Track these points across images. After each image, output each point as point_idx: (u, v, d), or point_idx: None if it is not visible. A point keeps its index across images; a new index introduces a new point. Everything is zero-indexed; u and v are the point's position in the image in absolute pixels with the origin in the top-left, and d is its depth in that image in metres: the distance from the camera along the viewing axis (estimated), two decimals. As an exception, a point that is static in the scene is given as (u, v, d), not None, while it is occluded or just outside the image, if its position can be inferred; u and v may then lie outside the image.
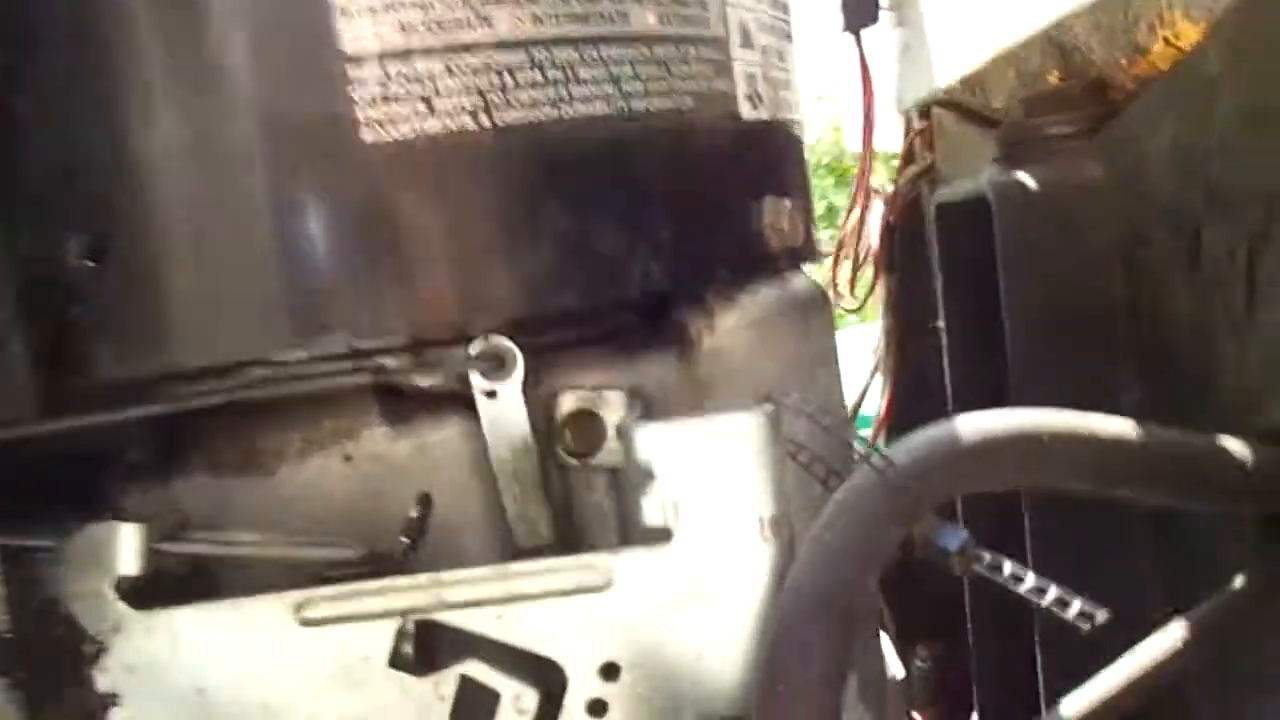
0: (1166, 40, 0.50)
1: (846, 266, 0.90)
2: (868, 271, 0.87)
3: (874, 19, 0.76)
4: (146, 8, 0.39)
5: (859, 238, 0.86)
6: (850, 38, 0.79)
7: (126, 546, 0.41)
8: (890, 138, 1.03)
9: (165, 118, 0.39)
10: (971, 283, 0.67)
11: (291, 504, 0.48)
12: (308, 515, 0.48)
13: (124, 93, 0.39)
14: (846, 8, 0.76)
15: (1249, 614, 0.44)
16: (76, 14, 0.38)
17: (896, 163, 0.99)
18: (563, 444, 0.49)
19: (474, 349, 0.45)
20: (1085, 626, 0.35)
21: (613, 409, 0.49)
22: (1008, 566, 0.37)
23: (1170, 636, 0.43)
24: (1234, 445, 0.44)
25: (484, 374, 0.45)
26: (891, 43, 0.78)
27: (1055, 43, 0.63)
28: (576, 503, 0.49)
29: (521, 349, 0.45)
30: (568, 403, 0.49)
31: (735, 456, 0.40)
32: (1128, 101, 0.57)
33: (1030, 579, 0.37)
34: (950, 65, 0.66)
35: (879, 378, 0.96)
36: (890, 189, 0.94)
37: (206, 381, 0.44)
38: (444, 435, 0.49)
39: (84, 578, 0.41)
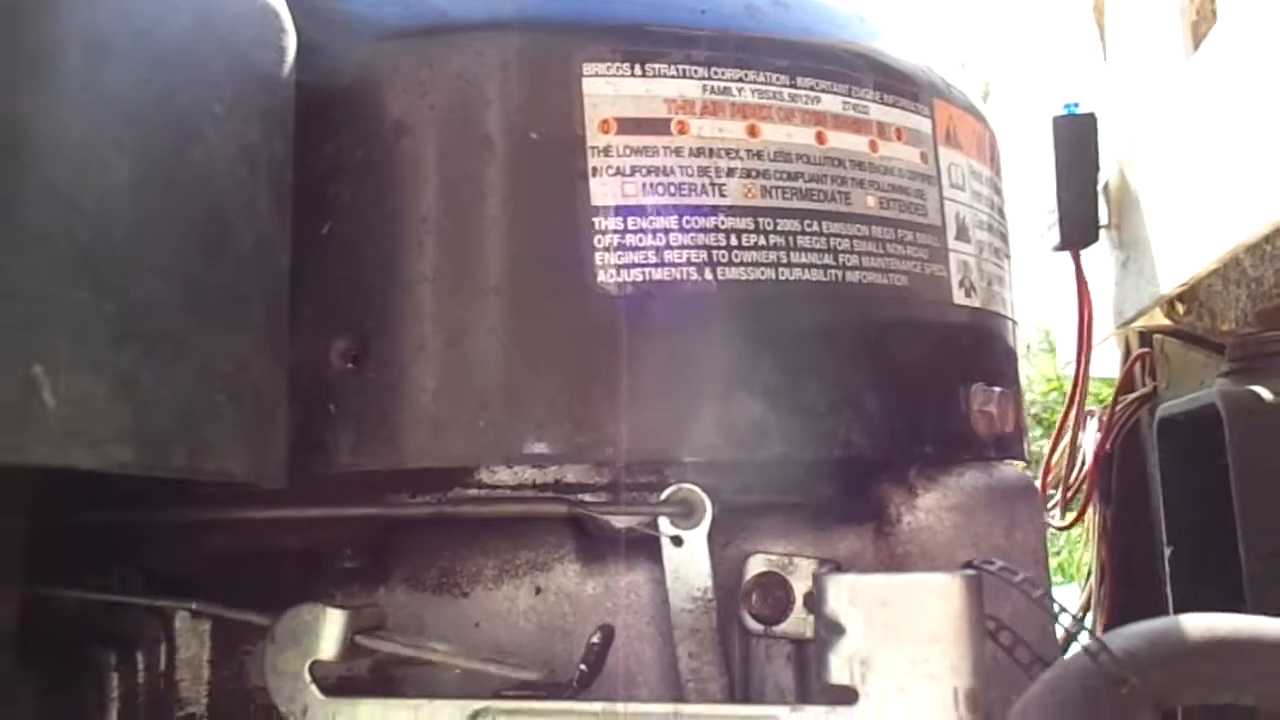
0: None
1: (1055, 489, 0.86)
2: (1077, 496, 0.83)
3: (1094, 237, 0.76)
4: (434, 160, 0.46)
5: (1072, 458, 0.83)
6: (1066, 257, 0.79)
7: (330, 631, 0.44)
8: (1107, 364, 1.00)
9: (431, 249, 0.44)
10: (1198, 503, 0.62)
11: (480, 628, 0.49)
12: (493, 640, 0.49)
13: (401, 226, 0.45)
14: (1065, 226, 0.77)
15: None
16: (372, 156, 0.45)
17: (1112, 390, 0.95)
18: (748, 607, 0.48)
19: (665, 494, 0.46)
20: None
21: (802, 577, 0.48)
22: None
23: None
24: None
25: (672, 520, 0.46)
26: (1109, 261, 0.77)
27: (1294, 261, 0.61)
28: (754, 672, 0.48)
29: (720, 506, 0.46)
30: (757, 565, 0.48)
31: (932, 618, 0.38)
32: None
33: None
34: (1174, 273, 0.65)
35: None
36: (1105, 414, 0.91)
37: (425, 491, 0.48)
38: (633, 579, 0.50)
39: (286, 656, 0.44)
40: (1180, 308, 0.85)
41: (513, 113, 0.45)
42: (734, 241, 0.46)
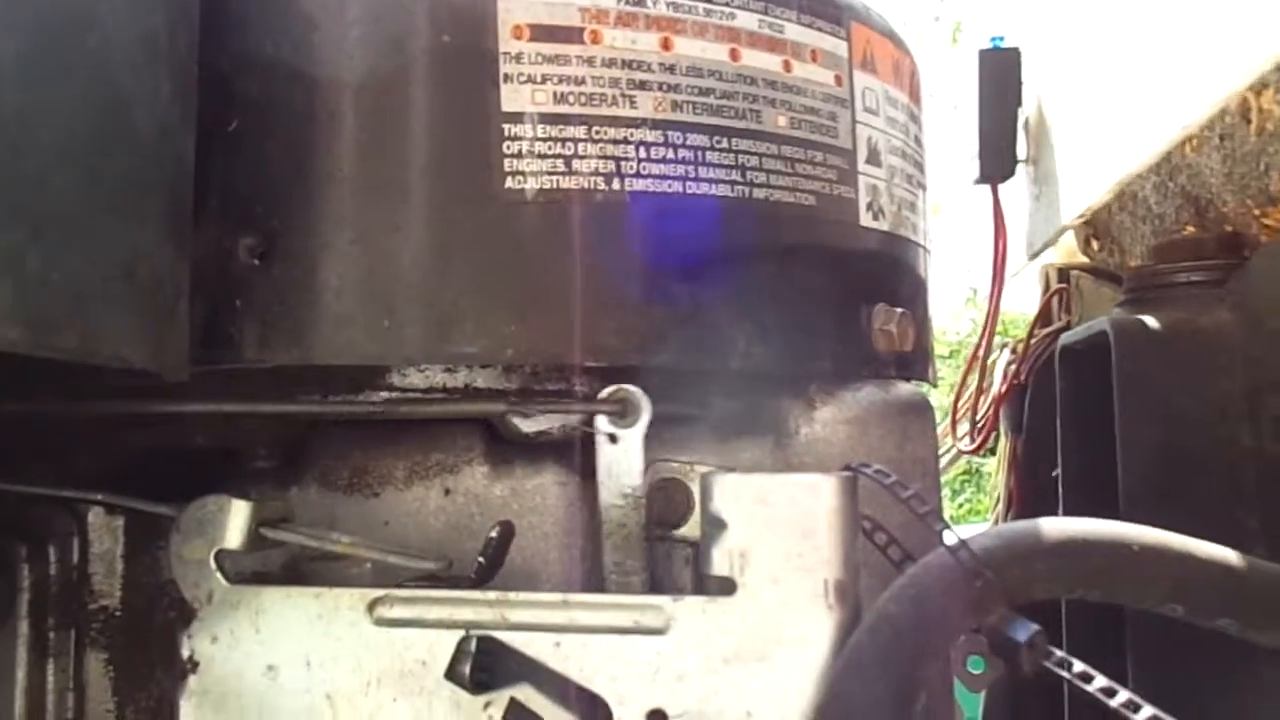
0: (1303, 187, 0.50)
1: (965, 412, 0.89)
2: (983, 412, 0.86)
3: (1011, 171, 0.78)
4: (345, 59, 0.46)
5: (981, 382, 0.86)
6: (985, 190, 0.81)
7: (235, 522, 0.45)
8: (1027, 299, 1.03)
9: (340, 148, 0.45)
10: (1091, 426, 0.66)
11: (389, 526, 0.51)
12: (402, 539, 0.50)
13: (309, 127, 0.45)
14: (984, 159, 0.79)
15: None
16: (281, 52, 0.45)
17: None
18: (651, 512, 0.50)
19: (604, 393, 0.47)
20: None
21: (700, 493, 0.50)
22: (1077, 665, 0.36)
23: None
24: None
25: (610, 419, 0.47)
26: (1024, 195, 0.80)
27: (1191, 197, 0.64)
28: (655, 573, 0.50)
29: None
30: (660, 471, 0.50)
31: (808, 514, 0.40)
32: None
33: (1100, 680, 0.35)
34: (1075, 203, 0.68)
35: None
36: (1020, 345, 0.94)
37: (338, 392, 0.49)
38: (540, 482, 0.51)
39: (192, 544, 0.45)
40: (1095, 244, 0.88)
41: (425, 14, 0.45)
42: (643, 154, 0.47)
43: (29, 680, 0.52)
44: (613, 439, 0.47)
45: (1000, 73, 0.76)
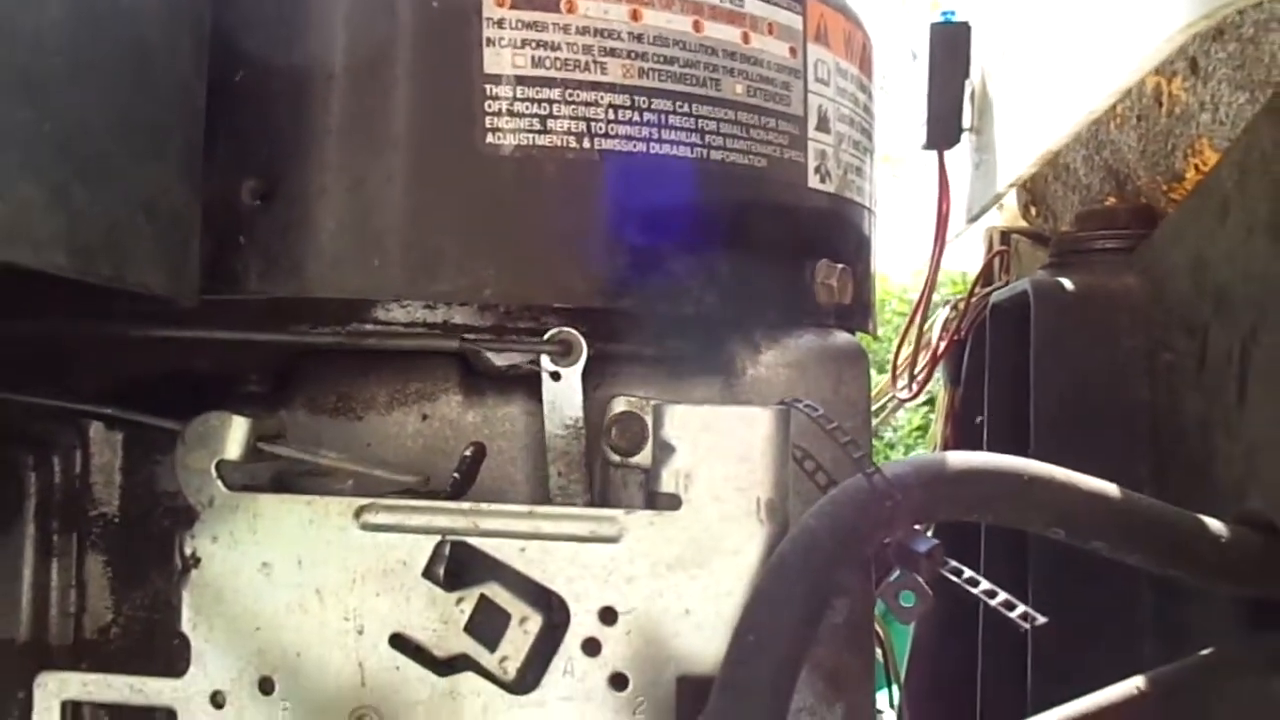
0: (1196, 167, 0.56)
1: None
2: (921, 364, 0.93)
3: (956, 139, 0.84)
4: (341, 20, 0.50)
5: (920, 338, 0.92)
6: (932, 156, 0.86)
7: (235, 435, 0.50)
8: (969, 259, 1.09)
9: (335, 103, 0.49)
10: (1014, 378, 0.72)
11: (371, 447, 0.56)
12: (382, 459, 0.55)
13: (307, 83, 0.49)
14: (931, 127, 0.84)
15: (1202, 684, 0.47)
16: (282, 11, 0.49)
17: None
18: (609, 441, 0.55)
19: (547, 335, 0.53)
20: (1026, 626, 0.40)
21: (652, 422, 0.55)
22: (967, 572, 0.42)
23: (1127, 686, 0.47)
24: (1213, 524, 0.48)
25: (553, 358, 0.53)
26: (967, 163, 0.85)
27: (1112, 170, 0.70)
28: (611, 496, 0.56)
29: (593, 354, 0.52)
30: (619, 405, 0.55)
31: (745, 441, 0.46)
32: (1165, 223, 0.62)
33: (984, 584, 0.42)
34: (1008, 172, 0.73)
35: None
36: (962, 302, 1.00)
37: (327, 324, 0.53)
38: (509, 411, 0.57)
39: (195, 454, 0.50)
40: (1033, 210, 0.94)
41: (414, -18, 0.49)
42: (611, 116, 0.52)
43: (35, 577, 0.57)
44: (555, 376, 0.52)
45: (950, 45, 0.81)
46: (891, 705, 0.84)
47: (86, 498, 0.59)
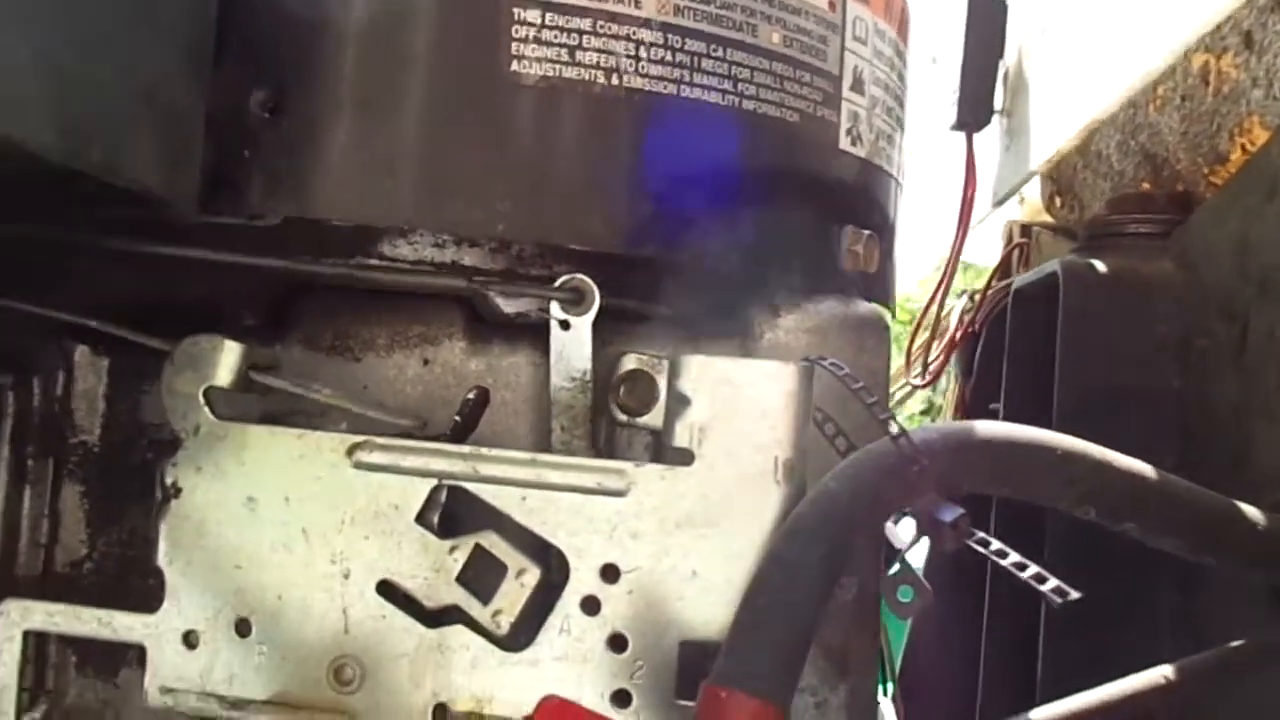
0: (1244, 148, 0.54)
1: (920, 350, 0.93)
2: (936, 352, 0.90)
3: (988, 120, 0.81)
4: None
5: (937, 320, 0.90)
6: (960, 136, 0.84)
7: (226, 361, 0.47)
8: (987, 252, 1.06)
9: (354, 13, 0.46)
10: (1034, 365, 0.70)
11: (368, 390, 0.53)
12: (379, 402, 0.53)
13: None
14: (962, 108, 0.81)
15: (1234, 675, 0.45)
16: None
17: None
18: (616, 399, 0.53)
19: (559, 281, 0.50)
20: (1058, 601, 0.37)
21: (668, 376, 0.53)
22: (995, 544, 0.40)
23: (1153, 674, 0.44)
24: (1251, 510, 0.46)
25: (563, 305, 0.50)
26: (996, 145, 0.83)
27: (1149, 155, 0.67)
28: (615, 456, 0.53)
29: (602, 310, 0.50)
30: (629, 363, 0.53)
31: (765, 397, 0.44)
32: (1203, 208, 0.60)
33: (1013, 555, 0.39)
34: (1043, 149, 0.71)
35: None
36: (978, 294, 0.97)
37: (326, 255, 0.51)
38: (514, 361, 0.54)
39: (183, 378, 0.47)
40: (1058, 200, 0.91)
41: (446, -108, 0.47)
42: (642, 53, 0.49)
43: (6, 503, 0.55)
44: (565, 325, 0.49)
45: (987, 23, 0.79)
46: (887, 694, 0.82)
47: (66, 424, 0.56)
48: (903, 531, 0.64)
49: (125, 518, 0.55)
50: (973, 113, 0.81)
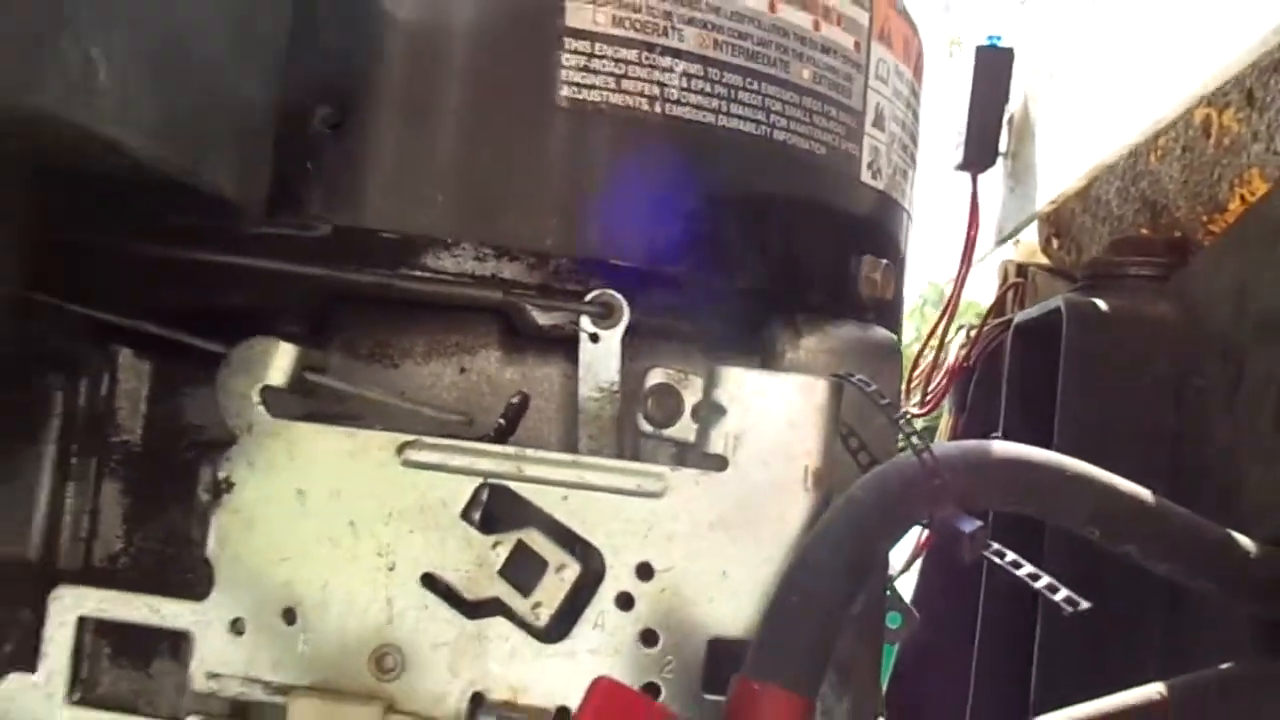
0: (1243, 198, 0.57)
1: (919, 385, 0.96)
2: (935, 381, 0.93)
3: (991, 163, 0.85)
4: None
5: (937, 357, 0.93)
6: (964, 177, 0.88)
7: (280, 362, 0.49)
8: (987, 292, 1.10)
9: (413, 35, 0.49)
10: (1033, 397, 0.73)
11: (406, 396, 0.55)
12: (427, 402, 0.55)
13: (383, 20, 0.50)
14: (968, 149, 0.85)
15: (1218, 697, 0.48)
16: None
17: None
18: (644, 411, 0.55)
19: (589, 296, 0.53)
20: (1069, 610, 0.40)
21: (693, 391, 0.55)
22: (1009, 555, 0.43)
23: (1146, 690, 0.47)
24: (1244, 540, 0.49)
25: (593, 319, 0.53)
26: (1000, 187, 0.86)
27: (1148, 201, 0.71)
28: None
29: (633, 325, 0.52)
30: (656, 376, 0.55)
31: (798, 409, 0.46)
32: (1202, 254, 0.64)
33: (1027, 566, 0.42)
34: (1046, 192, 0.74)
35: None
36: (973, 331, 1.01)
37: (374, 267, 0.53)
38: (547, 372, 0.56)
39: (238, 379, 0.49)
40: (1055, 242, 0.95)
41: (505, -72, 0.50)
42: (684, 84, 0.52)
43: (50, 498, 0.56)
44: (594, 338, 0.52)
45: (993, 70, 0.83)
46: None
47: (110, 423, 0.58)
48: (892, 558, 0.66)
49: (164, 516, 0.57)
50: (978, 154, 0.85)
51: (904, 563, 0.92)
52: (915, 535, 0.93)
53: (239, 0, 0.39)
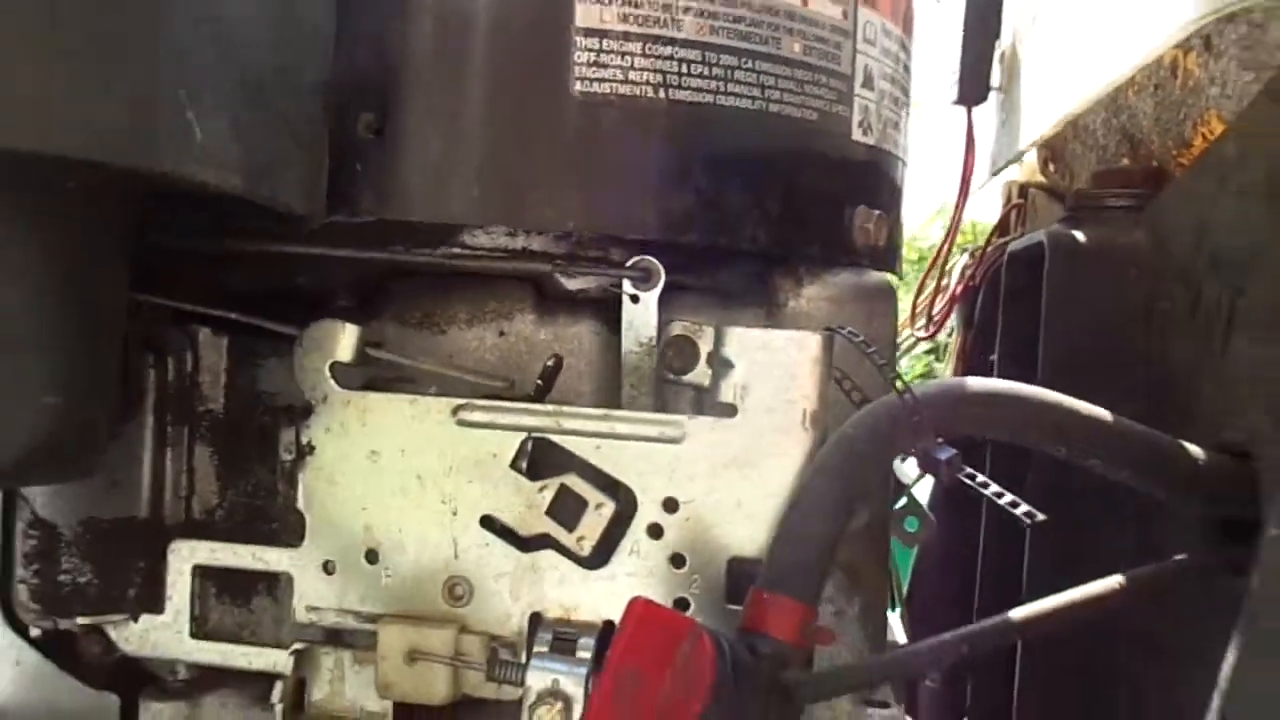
0: (1204, 137, 0.62)
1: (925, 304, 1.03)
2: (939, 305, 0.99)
3: (985, 96, 0.89)
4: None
5: (940, 282, 0.99)
6: (961, 111, 0.92)
7: (346, 341, 0.57)
8: (989, 209, 1.15)
9: (443, 49, 0.55)
10: (1024, 321, 0.79)
11: (452, 358, 0.63)
12: (471, 367, 0.63)
13: (419, 30, 0.56)
14: (962, 84, 0.90)
15: (1175, 581, 0.55)
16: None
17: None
18: (665, 361, 0.63)
19: (630, 262, 0.59)
20: (1028, 522, 0.47)
21: (707, 340, 0.62)
22: (980, 477, 0.50)
23: (1110, 580, 0.55)
24: (1193, 448, 0.56)
25: (634, 283, 0.59)
26: (993, 121, 0.91)
27: (1127, 134, 0.76)
28: (666, 410, 0.63)
29: (650, 284, 0.59)
30: (675, 329, 0.62)
31: (795, 361, 0.53)
32: (1173, 185, 0.69)
33: (994, 486, 0.49)
34: (1030, 131, 0.79)
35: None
36: (978, 250, 1.06)
37: (417, 246, 0.60)
38: (577, 330, 0.64)
39: (311, 356, 0.57)
40: (1051, 166, 1.00)
41: (517, -59, 0.55)
42: (684, 70, 0.58)
43: (153, 463, 0.65)
44: (634, 299, 0.59)
45: (984, 8, 0.87)
46: (895, 611, 0.93)
47: (195, 395, 0.66)
48: (909, 468, 0.74)
49: (250, 472, 0.66)
50: (972, 89, 0.90)
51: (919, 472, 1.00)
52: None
53: (294, 48, 0.46)
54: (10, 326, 0.41)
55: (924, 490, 1.06)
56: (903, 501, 0.72)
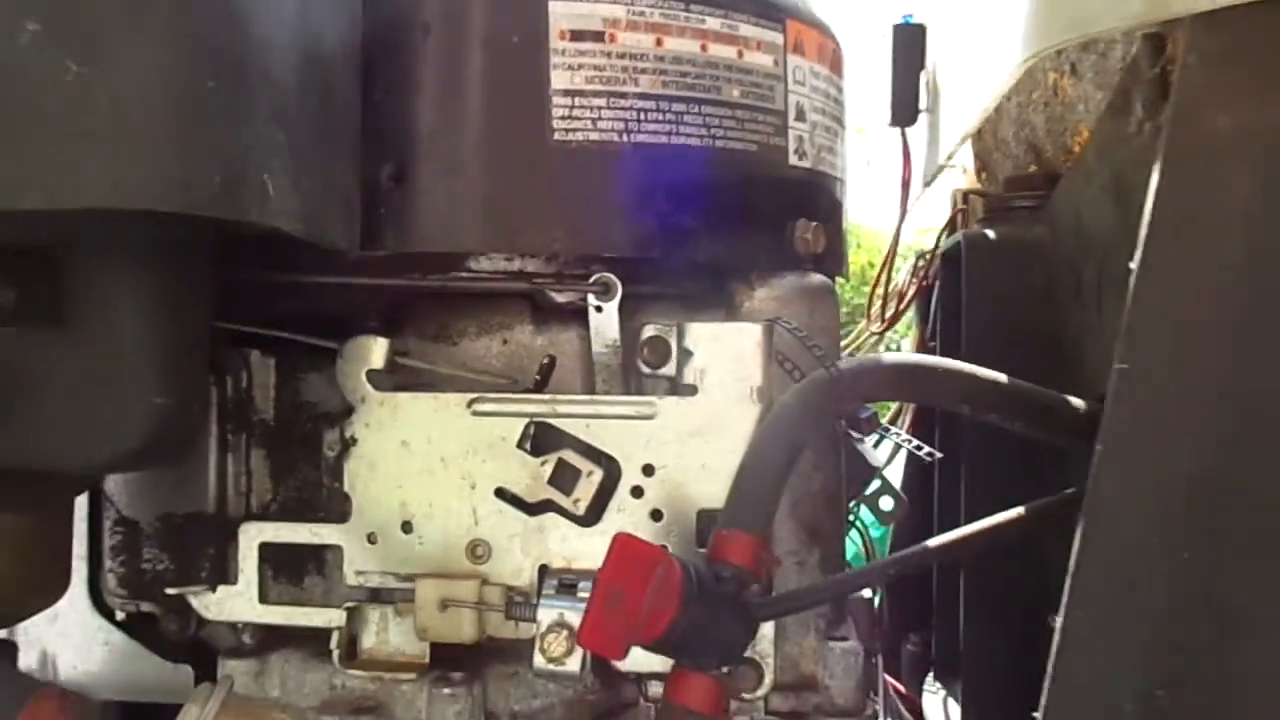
0: (1079, 145, 0.75)
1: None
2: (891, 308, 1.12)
3: (914, 119, 1.02)
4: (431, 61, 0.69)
5: (888, 280, 1.12)
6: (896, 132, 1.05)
7: (379, 352, 0.70)
8: (934, 216, 1.28)
9: (446, 113, 0.68)
10: (954, 309, 0.91)
11: (464, 363, 0.76)
12: (482, 370, 0.75)
13: (422, 98, 0.69)
14: (894, 109, 1.03)
15: (1065, 511, 0.67)
16: (401, 60, 0.68)
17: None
18: (642, 358, 0.75)
19: (591, 279, 0.72)
20: (927, 460, 0.60)
21: (676, 339, 0.75)
22: (893, 429, 0.62)
23: (1012, 511, 0.67)
24: (1076, 401, 0.68)
25: (596, 295, 0.72)
26: (923, 139, 1.04)
27: (1030, 145, 0.89)
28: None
29: (628, 294, 0.71)
30: (648, 330, 0.75)
31: (743, 346, 0.66)
32: (1065, 188, 0.82)
33: (904, 434, 0.62)
34: (946, 147, 0.92)
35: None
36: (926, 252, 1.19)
37: (431, 272, 0.73)
38: (567, 335, 0.76)
39: (350, 366, 0.70)
40: (982, 175, 1.13)
41: (500, 25, 0.68)
42: (642, 117, 0.71)
43: (217, 465, 0.77)
44: (598, 309, 0.72)
45: (908, 42, 1.00)
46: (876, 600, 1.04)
47: (250, 407, 0.79)
48: (881, 453, 0.86)
49: (298, 471, 0.78)
50: (903, 113, 1.03)
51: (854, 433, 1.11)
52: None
53: (333, 119, 0.59)
54: (133, 344, 0.54)
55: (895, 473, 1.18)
56: (877, 484, 0.84)
